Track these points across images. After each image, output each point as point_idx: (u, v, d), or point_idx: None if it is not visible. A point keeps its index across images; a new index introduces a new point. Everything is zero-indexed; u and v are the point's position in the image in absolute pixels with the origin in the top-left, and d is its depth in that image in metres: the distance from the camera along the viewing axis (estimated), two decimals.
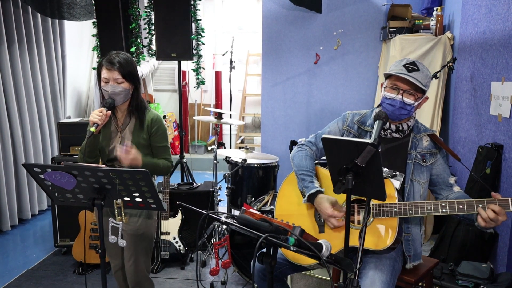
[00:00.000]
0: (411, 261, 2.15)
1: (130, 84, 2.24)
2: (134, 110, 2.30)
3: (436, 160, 2.12)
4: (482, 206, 1.76)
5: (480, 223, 1.77)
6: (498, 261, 3.02)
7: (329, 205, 1.98)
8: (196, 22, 4.25)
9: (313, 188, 2.05)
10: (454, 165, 3.91)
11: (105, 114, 2.15)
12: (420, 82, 1.96)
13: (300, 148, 2.26)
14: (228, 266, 2.97)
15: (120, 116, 2.34)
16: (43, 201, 4.96)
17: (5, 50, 4.27)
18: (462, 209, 1.80)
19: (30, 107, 4.65)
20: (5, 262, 3.78)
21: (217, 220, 1.56)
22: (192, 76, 5.12)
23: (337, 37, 4.66)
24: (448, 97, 4.12)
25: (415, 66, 1.99)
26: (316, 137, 2.29)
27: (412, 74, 1.96)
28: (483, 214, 1.75)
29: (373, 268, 1.97)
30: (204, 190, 3.84)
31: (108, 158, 2.31)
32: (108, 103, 2.18)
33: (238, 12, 7.54)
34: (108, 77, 2.18)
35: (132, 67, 2.25)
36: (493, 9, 3.16)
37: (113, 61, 2.17)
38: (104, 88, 2.20)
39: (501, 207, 1.72)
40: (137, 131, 2.30)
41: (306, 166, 2.14)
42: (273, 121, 4.93)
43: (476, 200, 1.79)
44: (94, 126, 2.12)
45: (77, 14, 4.56)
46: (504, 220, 1.72)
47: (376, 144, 1.52)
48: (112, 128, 2.32)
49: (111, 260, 2.50)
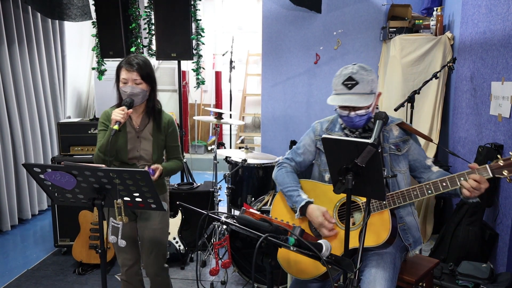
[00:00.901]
0: (412, 248, 2.16)
1: (147, 85, 2.30)
2: (151, 112, 2.37)
3: (410, 146, 2.14)
4: (464, 179, 1.83)
5: (464, 194, 1.84)
6: (498, 261, 3.02)
7: (319, 214, 2.03)
8: (196, 22, 4.24)
9: (302, 201, 2.09)
10: (454, 165, 3.91)
11: (126, 112, 2.20)
12: (362, 96, 1.96)
13: (279, 167, 2.32)
14: (228, 266, 2.97)
15: (135, 117, 2.39)
16: (43, 201, 4.96)
17: (5, 50, 4.27)
18: (446, 186, 1.88)
19: (30, 107, 4.65)
20: (5, 262, 3.78)
21: (217, 220, 1.56)
22: (192, 76, 5.12)
23: (337, 37, 4.66)
24: (448, 97, 4.12)
25: (353, 80, 1.97)
26: (292, 152, 2.35)
27: (353, 90, 1.97)
28: (465, 185, 1.82)
29: (374, 265, 1.98)
30: (204, 190, 3.84)
31: (129, 157, 2.36)
32: (128, 102, 2.24)
33: (238, 12, 7.54)
34: (127, 78, 2.24)
35: (150, 69, 2.32)
36: (493, 9, 3.16)
37: (132, 63, 2.24)
38: (123, 89, 2.27)
39: (481, 175, 1.80)
40: (156, 133, 2.39)
41: (290, 182, 2.20)
42: (273, 121, 4.93)
43: (457, 175, 1.86)
44: (117, 124, 2.17)
45: (73, 15, 4.56)
46: (487, 187, 1.80)
47: (376, 144, 1.53)
48: (128, 129, 2.36)
49: (124, 257, 2.48)
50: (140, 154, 2.37)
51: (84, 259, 3.48)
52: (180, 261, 3.54)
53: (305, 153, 2.29)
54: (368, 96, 1.98)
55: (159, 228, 2.45)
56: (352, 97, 1.97)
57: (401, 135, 2.15)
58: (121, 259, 2.49)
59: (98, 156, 2.29)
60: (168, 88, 7.64)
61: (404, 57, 4.03)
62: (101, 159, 2.26)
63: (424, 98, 4.01)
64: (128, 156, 2.35)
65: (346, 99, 1.97)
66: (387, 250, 2.05)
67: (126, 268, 2.50)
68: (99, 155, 2.28)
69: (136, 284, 2.56)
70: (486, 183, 1.80)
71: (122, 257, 2.48)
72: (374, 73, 2.03)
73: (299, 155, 2.31)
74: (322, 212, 2.03)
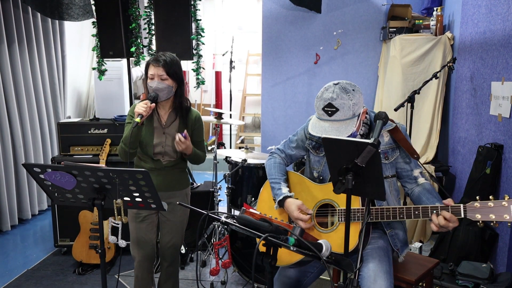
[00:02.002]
0: (401, 253, 2.17)
1: (173, 82, 2.38)
2: (179, 108, 2.45)
3: (398, 155, 2.12)
4: (436, 212, 1.82)
5: (432, 227, 1.84)
6: (498, 261, 3.02)
7: (295, 208, 2.07)
8: (196, 22, 4.24)
9: (281, 194, 2.15)
10: (454, 165, 3.91)
11: (149, 106, 2.27)
12: (343, 123, 1.94)
13: (270, 157, 2.38)
14: (228, 266, 2.97)
15: (163, 113, 2.47)
16: (43, 201, 4.96)
17: (5, 50, 4.27)
18: (417, 215, 1.87)
19: (30, 107, 4.65)
20: (5, 262, 3.78)
21: (217, 220, 1.56)
22: (192, 76, 5.11)
23: (337, 37, 4.66)
24: (448, 97, 4.12)
25: (332, 107, 1.93)
26: (285, 144, 2.40)
27: (334, 117, 1.94)
28: (434, 220, 1.82)
29: (371, 260, 1.98)
30: (204, 190, 3.84)
31: (154, 152, 2.44)
32: (152, 96, 2.32)
33: (238, 12, 7.54)
34: (153, 73, 2.33)
35: (177, 67, 2.40)
36: (493, 9, 3.16)
37: (159, 59, 2.34)
38: (150, 84, 2.35)
39: (452, 214, 1.78)
40: (182, 128, 2.46)
41: (275, 174, 2.25)
42: (273, 121, 4.93)
43: (430, 206, 1.85)
44: (139, 117, 2.24)
45: (75, 15, 4.56)
46: (455, 226, 1.79)
47: (376, 144, 1.53)
48: (155, 125, 2.44)
49: (138, 251, 2.51)
50: (165, 150, 2.45)
51: (84, 259, 3.48)
52: (180, 261, 3.54)
53: (298, 148, 2.34)
54: (350, 121, 1.94)
55: (181, 220, 2.56)
56: (333, 125, 1.94)
57: (391, 142, 2.12)
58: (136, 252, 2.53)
59: (121, 148, 2.40)
60: None
61: (404, 57, 4.03)
62: (123, 150, 2.37)
63: (424, 98, 4.01)
64: (154, 151, 2.44)
65: (327, 128, 1.94)
66: (380, 245, 2.06)
67: (140, 260, 2.54)
68: (122, 147, 2.39)
69: (147, 280, 2.61)
70: (456, 222, 1.78)
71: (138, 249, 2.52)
72: (357, 92, 1.97)
73: (291, 149, 2.36)
74: (297, 205, 2.07)
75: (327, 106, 1.94)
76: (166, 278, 2.66)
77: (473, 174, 3.23)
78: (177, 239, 2.59)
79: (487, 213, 1.70)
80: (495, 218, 1.69)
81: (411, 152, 2.08)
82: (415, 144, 3.99)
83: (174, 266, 2.67)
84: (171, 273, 2.66)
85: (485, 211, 1.71)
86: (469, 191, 3.21)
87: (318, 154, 2.22)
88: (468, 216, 1.75)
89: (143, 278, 2.57)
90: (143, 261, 2.54)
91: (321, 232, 2.06)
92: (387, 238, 2.12)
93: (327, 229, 2.06)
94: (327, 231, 2.05)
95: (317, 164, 2.22)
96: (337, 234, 2.01)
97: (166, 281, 2.67)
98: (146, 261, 2.55)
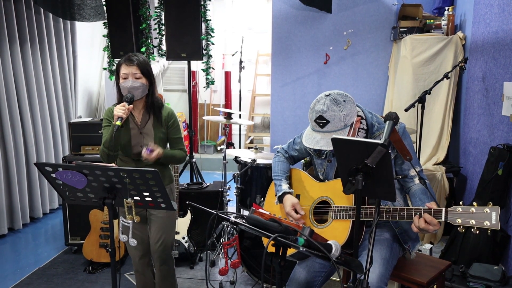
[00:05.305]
0: (412, 249, 2.18)
1: (147, 80, 2.42)
2: (151, 107, 2.47)
3: (395, 155, 2.12)
4: (419, 214, 1.83)
5: (412, 229, 1.87)
6: (510, 263, 2.99)
7: (289, 205, 2.17)
8: (206, 22, 4.26)
9: (281, 190, 2.26)
10: (465, 166, 3.88)
11: (127, 108, 2.30)
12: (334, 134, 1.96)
13: (275, 155, 2.50)
14: (237, 266, 2.97)
15: (137, 114, 2.49)
16: (54, 200, 5.01)
17: (18, 50, 4.32)
18: (402, 216, 1.89)
19: (42, 107, 4.70)
20: (17, 260, 3.82)
21: (227, 220, 1.56)
22: (201, 76, 5.14)
23: (347, 37, 4.64)
24: (460, 98, 4.08)
25: (323, 119, 1.96)
26: (289, 144, 2.47)
27: (325, 128, 1.97)
28: (415, 222, 1.84)
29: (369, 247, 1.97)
30: (213, 190, 3.84)
31: (133, 152, 2.46)
32: (128, 97, 2.34)
33: (248, 12, 7.54)
34: (127, 72, 2.36)
35: (149, 66, 2.46)
36: (506, 9, 3.13)
37: (131, 58, 2.38)
38: (123, 84, 2.37)
39: (433, 217, 1.80)
40: (157, 127, 2.48)
41: (278, 171, 2.37)
42: (283, 121, 4.92)
43: (415, 208, 1.86)
44: (119, 120, 2.26)
45: (87, 15, 4.60)
46: (436, 229, 1.80)
47: (386, 144, 1.52)
48: (131, 126, 2.46)
49: (134, 249, 2.55)
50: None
51: (94, 258, 3.50)
52: (189, 261, 3.56)
53: (301, 150, 2.40)
54: (342, 132, 1.98)
55: (166, 216, 2.53)
56: (325, 137, 1.97)
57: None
58: (132, 250, 2.58)
59: (103, 151, 2.41)
60: (177, 88, 7.67)
61: (415, 57, 4.00)
62: (105, 154, 2.39)
63: (435, 99, 3.97)
64: (132, 151, 2.46)
65: (319, 140, 1.99)
66: (384, 237, 2.09)
67: (138, 258, 2.59)
68: (103, 150, 2.40)
69: (147, 275, 2.65)
70: (436, 225, 1.80)
71: (132, 248, 2.56)
72: (348, 102, 2.00)
73: (294, 150, 2.43)
74: (292, 203, 2.17)
75: (318, 118, 1.98)
76: (161, 279, 2.63)
77: (485, 175, 3.19)
78: (166, 237, 2.54)
79: (468, 219, 1.72)
80: (476, 224, 1.71)
81: (403, 154, 2.08)
82: (426, 145, 3.96)
83: (168, 265, 2.62)
84: (166, 273, 2.62)
85: (466, 216, 1.72)
86: (481, 193, 3.18)
87: (320, 157, 2.26)
88: (448, 220, 1.76)
89: (144, 272, 2.63)
90: (142, 257, 2.59)
91: (314, 227, 2.13)
92: (395, 234, 2.13)
93: (321, 225, 2.12)
94: (320, 227, 2.11)
95: (320, 166, 2.28)
96: (329, 230, 2.07)
97: (162, 281, 2.63)
98: (144, 257, 2.59)
